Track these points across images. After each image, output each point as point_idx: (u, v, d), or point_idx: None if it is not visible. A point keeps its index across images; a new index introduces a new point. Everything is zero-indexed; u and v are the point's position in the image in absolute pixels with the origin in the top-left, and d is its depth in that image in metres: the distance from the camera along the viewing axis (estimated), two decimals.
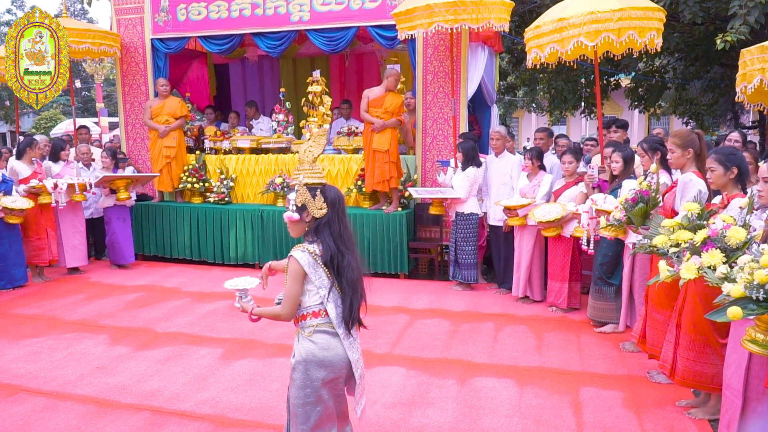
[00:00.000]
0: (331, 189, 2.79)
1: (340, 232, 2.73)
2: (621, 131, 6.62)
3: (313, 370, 2.69)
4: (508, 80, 15.82)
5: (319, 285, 2.69)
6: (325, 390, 2.73)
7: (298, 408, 2.72)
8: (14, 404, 4.06)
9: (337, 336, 2.72)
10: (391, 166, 7.15)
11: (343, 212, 2.78)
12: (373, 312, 5.89)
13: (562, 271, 5.85)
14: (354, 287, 2.72)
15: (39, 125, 29.45)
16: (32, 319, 5.91)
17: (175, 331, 5.48)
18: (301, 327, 2.75)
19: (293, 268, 2.69)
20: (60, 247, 7.56)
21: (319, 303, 2.71)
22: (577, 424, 3.70)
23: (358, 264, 2.76)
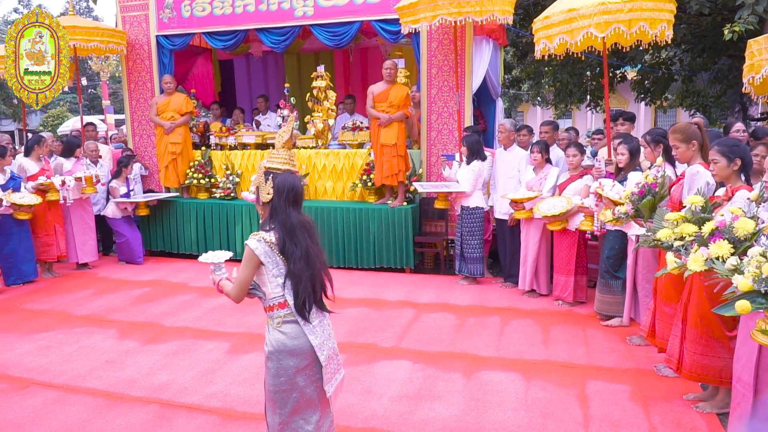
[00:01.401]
0: (283, 176, 2.80)
1: (284, 220, 2.74)
2: (628, 124, 6.59)
3: (285, 359, 2.73)
4: (512, 74, 15.76)
5: (276, 273, 2.73)
6: (300, 377, 2.76)
7: (274, 394, 2.77)
8: (26, 397, 4.10)
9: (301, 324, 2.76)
10: (399, 160, 7.15)
11: (288, 201, 2.76)
12: (379, 306, 5.95)
13: (568, 264, 5.85)
14: (298, 277, 2.72)
15: (46, 123, 29.56)
16: (42, 313, 5.96)
17: (183, 326, 5.52)
18: (270, 317, 2.80)
19: (246, 254, 2.72)
20: (71, 243, 7.61)
21: (281, 293, 2.74)
22: (583, 418, 3.71)
23: (305, 254, 2.73)
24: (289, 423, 2.78)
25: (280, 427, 2.78)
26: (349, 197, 7.91)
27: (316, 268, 2.75)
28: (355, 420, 3.71)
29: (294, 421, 2.78)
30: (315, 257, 2.76)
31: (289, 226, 2.73)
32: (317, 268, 2.76)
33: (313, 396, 2.81)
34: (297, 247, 2.71)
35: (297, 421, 2.79)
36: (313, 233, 2.80)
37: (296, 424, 2.79)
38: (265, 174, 2.82)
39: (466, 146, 6.56)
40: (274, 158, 2.87)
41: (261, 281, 2.78)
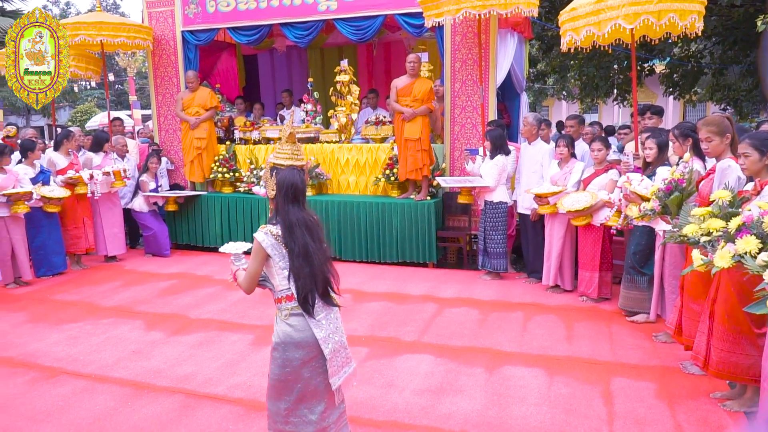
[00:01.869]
0: (285, 173, 2.83)
1: (283, 216, 2.78)
2: (656, 118, 6.50)
3: (291, 351, 2.78)
4: (538, 67, 15.63)
5: (283, 266, 2.78)
6: (306, 369, 2.80)
7: (279, 383, 2.82)
8: (55, 386, 4.19)
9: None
10: (423, 154, 7.14)
11: (287, 197, 2.79)
12: (401, 300, 5.96)
13: (593, 260, 5.79)
14: (297, 274, 2.75)
15: (75, 118, 30.08)
16: (71, 304, 6.07)
17: (208, 318, 5.59)
18: (279, 309, 2.84)
19: (255, 246, 2.78)
20: (99, 236, 7.75)
21: (287, 286, 2.79)
22: (608, 414, 3.67)
23: (303, 252, 2.75)
24: (294, 410, 2.83)
25: (285, 413, 2.83)
26: (372, 192, 7.92)
27: (315, 265, 2.77)
28: (378, 413, 3.73)
29: (299, 410, 2.83)
30: (314, 254, 2.77)
31: (288, 223, 2.77)
32: (317, 265, 2.77)
33: (319, 387, 2.85)
34: (295, 245, 2.75)
35: (302, 409, 2.84)
36: (313, 229, 2.81)
37: (301, 412, 2.84)
38: (271, 170, 2.88)
39: (490, 140, 6.52)
40: (279, 154, 2.94)
41: (270, 273, 2.84)
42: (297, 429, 2.85)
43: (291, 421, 2.84)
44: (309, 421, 2.84)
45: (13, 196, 6.42)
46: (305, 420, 2.84)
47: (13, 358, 4.73)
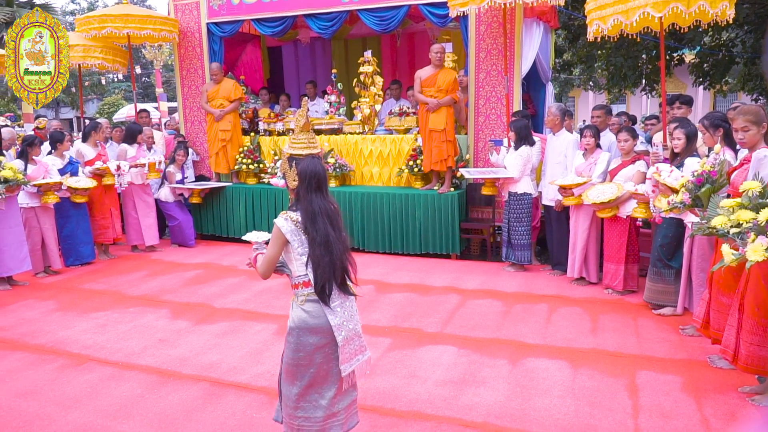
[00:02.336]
0: (306, 162, 2.84)
1: (305, 206, 2.79)
2: (685, 107, 6.37)
3: (305, 336, 2.80)
4: (564, 57, 15.43)
5: (301, 252, 2.80)
6: (319, 354, 2.83)
7: (292, 367, 2.85)
8: (83, 372, 4.28)
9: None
10: (448, 145, 7.10)
11: (310, 187, 2.80)
12: (424, 291, 5.95)
13: (618, 252, 5.72)
14: (316, 262, 2.76)
15: (102, 111, 30.53)
16: (99, 293, 6.18)
17: (232, 307, 5.64)
18: (295, 295, 2.86)
19: (274, 232, 2.80)
20: (132, 227, 7.87)
21: (304, 273, 2.81)
22: (633, 408, 3.63)
23: (324, 241, 2.76)
24: (304, 395, 2.86)
25: (296, 398, 2.87)
26: (396, 183, 7.91)
27: (334, 254, 2.79)
28: (400, 403, 3.73)
29: (309, 394, 2.86)
30: (334, 243, 2.79)
31: (311, 213, 2.78)
32: (336, 255, 2.79)
33: (331, 373, 2.87)
34: (317, 234, 2.76)
35: (312, 394, 2.87)
36: (334, 219, 2.83)
37: (311, 396, 2.87)
38: (289, 160, 2.88)
39: (514, 131, 6.46)
40: (295, 144, 2.94)
41: (288, 259, 2.86)
42: (307, 413, 2.88)
43: (301, 405, 2.87)
44: (319, 406, 2.87)
45: (43, 187, 6.54)
46: (315, 404, 2.87)
47: (43, 345, 4.83)
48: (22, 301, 5.95)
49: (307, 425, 2.87)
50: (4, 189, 5.88)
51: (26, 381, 4.16)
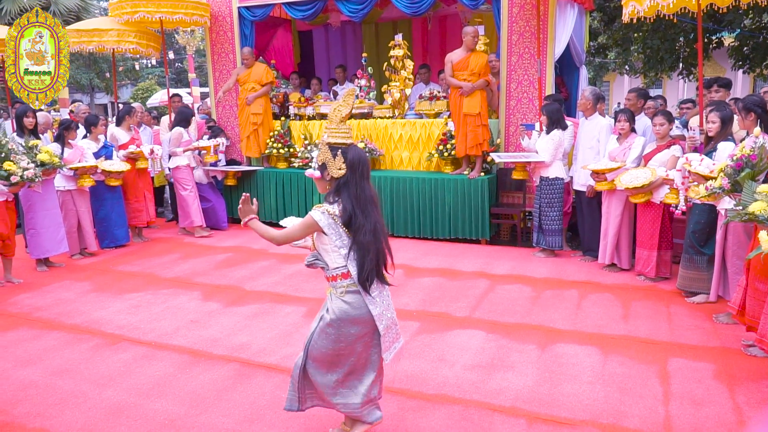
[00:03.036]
0: (353, 150, 2.81)
1: (357, 194, 2.77)
2: (723, 91, 6.19)
3: (346, 327, 2.82)
4: (598, 40, 15.10)
5: (340, 245, 2.78)
6: (359, 343, 2.87)
7: (333, 357, 2.87)
8: (117, 352, 4.38)
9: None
10: (483, 130, 7.03)
11: (362, 175, 2.79)
12: (453, 276, 5.93)
13: (651, 238, 5.61)
14: (366, 249, 2.76)
15: (136, 96, 30.95)
16: (133, 275, 6.31)
17: (262, 290, 5.70)
18: (333, 287, 2.86)
19: (308, 221, 2.78)
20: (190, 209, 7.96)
21: (343, 264, 2.80)
22: (664, 395, 3.58)
23: (374, 228, 2.77)
24: (344, 382, 2.91)
25: (335, 385, 2.90)
26: (426, 167, 7.87)
27: (380, 242, 2.80)
28: (428, 387, 3.74)
29: (349, 381, 2.91)
30: (380, 231, 2.80)
31: (363, 200, 2.77)
32: (382, 242, 2.81)
33: (370, 360, 2.92)
34: (367, 221, 2.75)
35: (352, 380, 2.91)
36: (378, 207, 2.84)
37: (351, 383, 2.91)
38: (332, 149, 2.81)
39: (546, 115, 6.36)
40: (338, 133, 2.86)
41: (324, 251, 2.84)
42: (345, 400, 2.91)
43: (340, 392, 2.91)
44: (358, 392, 2.91)
45: (78, 170, 6.68)
46: (355, 391, 2.91)
47: (79, 325, 4.95)
48: (58, 282, 6.11)
49: (345, 410, 2.92)
50: (41, 172, 6.01)
51: (62, 359, 4.27)
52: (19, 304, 5.50)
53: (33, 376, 4.00)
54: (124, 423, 3.40)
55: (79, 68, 28.72)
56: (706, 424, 3.24)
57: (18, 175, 5.73)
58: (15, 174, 5.73)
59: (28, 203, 6.30)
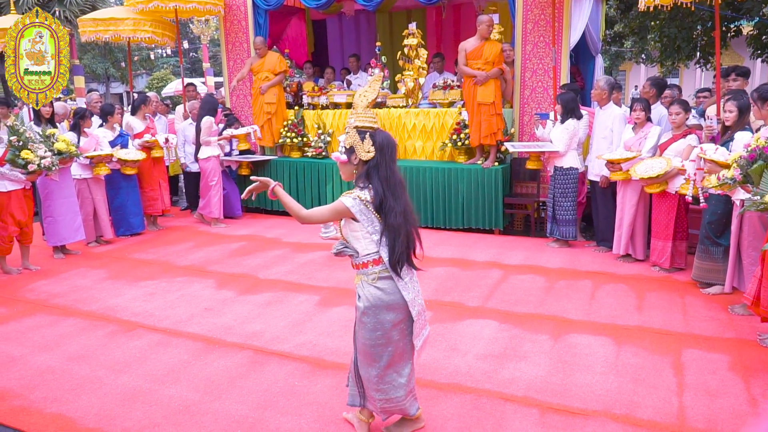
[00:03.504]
0: (381, 133, 2.81)
1: (387, 176, 2.75)
2: (741, 80, 6.09)
3: (382, 314, 2.80)
4: (615, 29, 14.96)
5: (371, 231, 2.77)
6: (395, 331, 2.84)
7: (370, 348, 2.84)
8: (132, 338, 4.43)
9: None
10: (497, 119, 7.00)
11: (391, 158, 2.78)
12: (466, 266, 5.93)
13: (666, 229, 5.56)
14: (397, 231, 2.75)
15: (151, 85, 31.11)
16: (148, 263, 6.36)
17: (276, 279, 5.73)
18: (364, 274, 2.84)
19: (338, 207, 2.76)
20: (212, 200, 7.98)
21: (375, 250, 2.78)
22: (677, 385, 3.56)
23: (404, 210, 2.77)
24: (383, 376, 2.88)
25: (376, 380, 2.88)
26: (439, 157, 7.85)
27: (410, 224, 2.80)
28: (440, 375, 3.74)
29: (388, 375, 2.88)
30: (410, 214, 2.80)
31: (393, 182, 2.76)
32: (412, 225, 2.80)
33: (405, 349, 2.90)
34: (397, 203, 2.75)
35: (391, 374, 2.88)
36: (406, 191, 2.84)
37: (390, 377, 2.89)
38: (360, 133, 2.80)
39: (561, 104, 6.31)
40: (365, 117, 2.84)
41: (354, 238, 2.83)
42: (388, 395, 2.90)
43: (381, 388, 2.89)
44: (399, 385, 2.90)
45: (94, 158, 6.73)
46: (395, 384, 2.90)
47: (95, 311, 5.01)
48: (74, 270, 6.18)
49: (389, 406, 2.92)
50: (57, 161, 6.07)
51: (78, 345, 4.33)
52: (36, 290, 5.58)
53: (50, 362, 4.06)
54: (139, 408, 3.44)
55: (95, 58, 28.88)
56: (721, 416, 3.22)
57: (35, 163, 5.79)
58: (32, 162, 5.78)
59: (45, 191, 6.37)
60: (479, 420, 3.24)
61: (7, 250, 6.04)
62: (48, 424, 3.32)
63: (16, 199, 5.96)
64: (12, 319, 4.86)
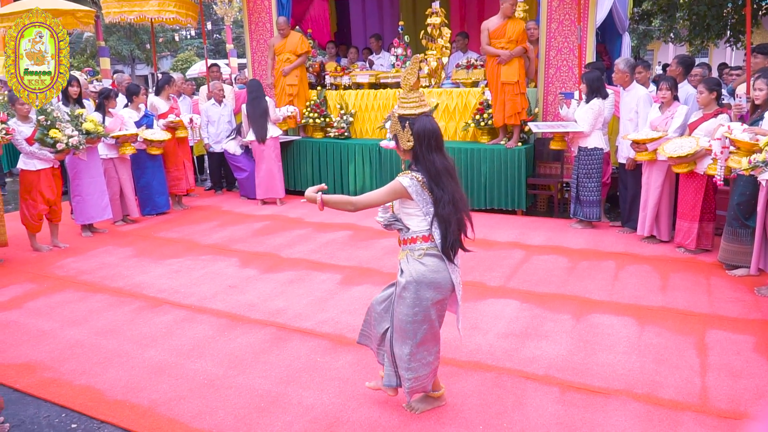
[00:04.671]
0: (420, 121, 2.78)
1: (428, 167, 2.76)
2: (761, 57, 5.94)
3: (423, 291, 2.80)
4: (642, 7, 14.63)
5: (426, 211, 2.78)
6: (434, 309, 2.85)
7: (407, 324, 2.85)
8: (159, 314, 4.51)
9: (443, 260, 2.82)
10: (522, 98, 6.92)
11: (429, 146, 2.77)
12: (487, 246, 5.91)
13: (693, 209, 5.48)
14: (447, 221, 2.76)
15: (176, 67, 31.29)
16: (173, 242, 6.46)
17: (298, 257, 5.78)
18: (410, 249, 2.84)
19: (395, 187, 2.77)
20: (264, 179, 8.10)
21: (427, 228, 2.80)
22: (701, 366, 3.53)
23: (452, 198, 2.76)
24: (415, 354, 2.90)
25: (408, 358, 2.90)
26: (462, 137, 7.81)
27: (460, 212, 2.80)
28: (460, 353, 3.76)
29: (419, 353, 2.91)
30: (460, 201, 2.80)
31: (434, 172, 2.76)
32: (462, 212, 2.81)
33: (437, 329, 2.93)
34: (444, 192, 2.75)
35: (422, 352, 2.91)
36: (455, 176, 2.83)
37: (420, 355, 2.92)
38: (401, 121, 2.81)
39: (586, 83, 6.22)
40: (406, 103, 2.83)
41: (407, 215, 2.86)
42: (417, 373, 2.94)
43: (412, 366, 2.92)
44: (427, 363, 2.94)
45: (120, 138, 6.82)
46: (424, 362, 2.93)
47: (122, 288, 5.11)
48: (102, 248, 6.30)
49: (417, 385, 2.96)
50: (84, 140, 6.16)
51: (106, 320, 4.43)
52: (65, 267, 5.70)
53: (79, 336, 4.17)
54: (166, 381, 3.52)
55: (120, 39, 29.12)
56: (744, 396, 3.19)
57: (63, 142, 5.89)
58: (61, 141, 5.89)
59: (73, 170, 6.48)
60: (500, 397, 3.26)
61: (37, 228, 6.18)
62: (77, 395, 3.41)
63: (45, 178, 6.09)
64: (42, 295, 4.99)
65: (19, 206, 6.19)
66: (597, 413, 3.08)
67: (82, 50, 28.08)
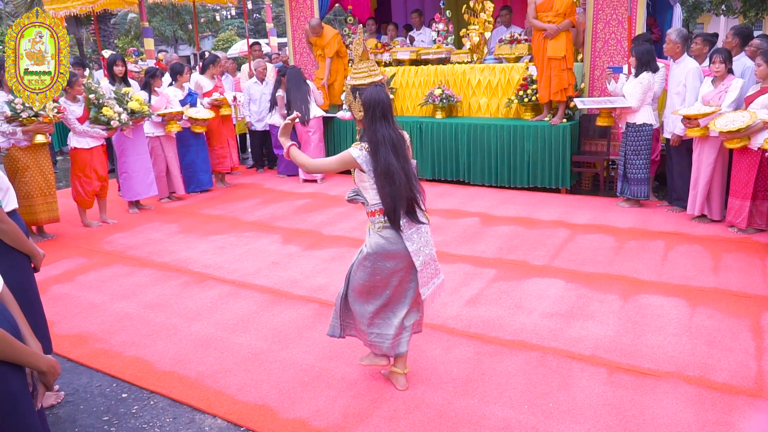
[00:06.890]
0: (369, 91, 2.83)
1: (370, 135, 2.80)
2: None
3: (382, 261, 2.90)
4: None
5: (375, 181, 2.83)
6: (395, 277, 2.94)
7: (370, 288, 2.97)
8: (204, 289, 4.58)
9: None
10: (568, 74, 6.74)
11: (374, 116, 2.80)
12: (531, 225, 5.83)
13: (746, 187, 5.26)
14: (380, 191, 2.80)
15: (217, 46, 31.57)
16: (217, 219, 6.54)
17: (339, 235, 5.79)
18: (372, 222, 2.94)
19: (345, 157, 2.84)
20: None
21: (380, 201, 2.84)
22: (756, 349, 3.41)
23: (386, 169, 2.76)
24: (379, 313, 3.03)
25: (371, 315, 3.03)
26: (504, 114, 7.67)
27: (396, 184, 2.78)
28: (504, 332, 3.72)
29: (384, 312, 3.04)
30: (396, 173, 2.78)
31: (374, 142, 2.80)
32: (399, 184, 2.78)
33: (405, 294, 3.01)
34: (378, 163, 2.78)
35: (387, 313, 3.04)
36: (400, 147, 2.83)
37: (385, 314, 3.04)
38: (353, 92, 2.89)
39: (636, 56, 6.00)
40: (356, 74, 2.93)
41: (363, 188, 2.92)
42: (381, 330, 3.05)
43: (375, 322, 3.05)
44: (391, 324, 3.03)
45: (166, 116, 6.91)
46: (388, 322, 3.04)
47: (168, 263, 5.20)
48: (148, 224, 6.42)
49: (378, 341, 3.06)
50: (131, 119, 6.27)
51: (154, 294, 4.52)
52: (113, 242, 5.84)
53: (128, 309, 4.27)
54: (212, 354, 3.58)
55: (163, 20, 29.47)
56: None
57: (116, 119, 6.04)
58: (114, 119, 6.03)
59: (120, 148, 6.61)
60: (545, 377, 3.21)
61: (89, 204, 6.35)
62: (127, 366, 3.50)
63: (98, 155, 6.28)
64: (92, 269, 5.12)
65: (71, 183, 6.35)
66: (646, 395, 3.01)
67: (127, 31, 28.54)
